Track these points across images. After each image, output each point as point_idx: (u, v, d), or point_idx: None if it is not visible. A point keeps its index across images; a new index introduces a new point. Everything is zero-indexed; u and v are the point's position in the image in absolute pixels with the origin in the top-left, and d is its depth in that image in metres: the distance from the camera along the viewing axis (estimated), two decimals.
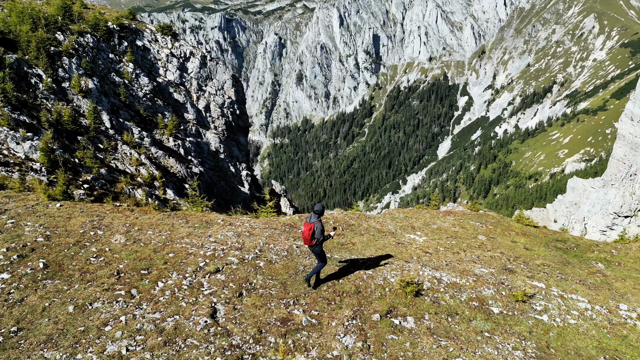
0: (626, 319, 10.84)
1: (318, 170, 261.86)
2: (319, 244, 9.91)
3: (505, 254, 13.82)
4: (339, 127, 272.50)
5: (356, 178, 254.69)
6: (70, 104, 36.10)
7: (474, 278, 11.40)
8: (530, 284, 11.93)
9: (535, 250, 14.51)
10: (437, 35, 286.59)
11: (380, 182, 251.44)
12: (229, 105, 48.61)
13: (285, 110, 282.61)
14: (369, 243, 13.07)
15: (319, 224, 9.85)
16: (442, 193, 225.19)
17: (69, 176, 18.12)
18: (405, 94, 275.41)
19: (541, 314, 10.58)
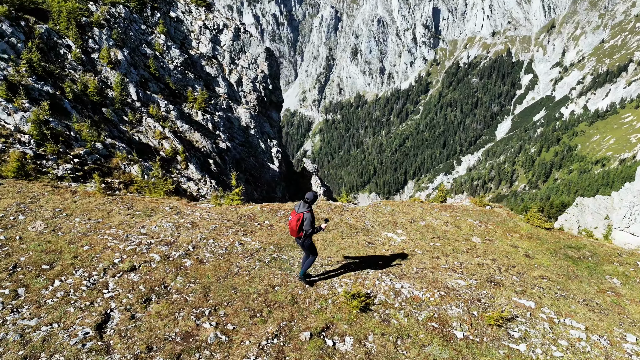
0: (631, 354, 8.74)
1: (369, 147, 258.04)
2: (308, 236, 8.89)
3: (498, 262, 11.79)
4: (392, 103, 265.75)
5: (408, 157, 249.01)
6: (98, 76, 36.32)
7: (442, 292, 9.61)
8: (516, 302, 9.99)
9: (537, 259, 12.33)
10: (502, 8, 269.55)
11: (433, 162, 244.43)
12: (261, 79, 47.52)
13: (338, 86, 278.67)
14: (333, 242, 11.49)
15: (308, 214, 8.80)
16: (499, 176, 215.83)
17: (59, 149, 17.74)
18: (464, 70, 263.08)
19: (518, 343, 8.71)
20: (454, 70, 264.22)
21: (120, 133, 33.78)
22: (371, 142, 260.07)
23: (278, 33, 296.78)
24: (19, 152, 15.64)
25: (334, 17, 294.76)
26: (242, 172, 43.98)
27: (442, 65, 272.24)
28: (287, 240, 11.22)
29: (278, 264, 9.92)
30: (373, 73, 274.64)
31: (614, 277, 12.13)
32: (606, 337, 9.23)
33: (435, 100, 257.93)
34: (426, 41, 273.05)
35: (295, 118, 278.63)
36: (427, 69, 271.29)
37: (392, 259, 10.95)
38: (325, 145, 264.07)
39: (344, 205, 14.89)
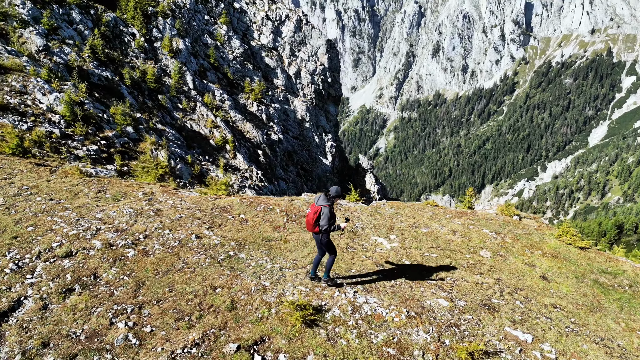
0: None
1: (445, 148, 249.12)
2: (325, 232, 8.14)
3: (503, 282, 9.96)
4: (474, 103, 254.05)
5: (487, 160, 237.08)
6: (159, 64, 37.65)
7: (414, 312, 8.16)
8: (507, 334, 8.28)
9: (555, 282, 10.26)
10: (604, 4, 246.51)
11: (514, 166, 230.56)
12: (320, 72, 46.88)
13: (417, 83, 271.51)
14: (309, 243, 10.27)
15: (327, 208, 8.00)
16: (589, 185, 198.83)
17: (87, 130, 18.24)
18: (556, 70, 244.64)
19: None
20: (545, 70, 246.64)
21: (172, 120, 34.75)
22: (448, 143, 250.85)
23: (359, 29, 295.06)
24: (44, 131, 16.21)
25: (417, 13, 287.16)
26: (294, 165, 43.73)
27: (532, 64, 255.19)
28: (256, 237, 10.27)
29: (232, 263, 9.02)
30: (455, 71, 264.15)
31: None
32: None
33: (522, 101, 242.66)
34: (515, 38, 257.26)
35: (370, 115, 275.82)
36: (515, 67, 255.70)
37: (369, 268, 9.63)
38: (400, 143, 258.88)
39: (339, 203, 13.61)
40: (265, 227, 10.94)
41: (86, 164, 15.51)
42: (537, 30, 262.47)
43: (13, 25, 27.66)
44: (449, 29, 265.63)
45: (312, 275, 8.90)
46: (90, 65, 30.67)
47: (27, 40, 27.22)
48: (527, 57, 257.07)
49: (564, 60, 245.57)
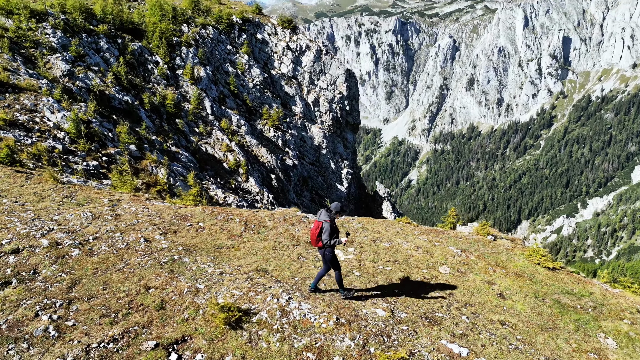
0: None
1: (480, 181, 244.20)
2: (328, 247, 8.50)
3: (454, 297, 9.66)
4: (509, 137, 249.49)
5: (524, 195, 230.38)
6: (179, 90, 39.35)
7: (345, 319, 8.08)
8: (441, 346, 8.04)
9: (511, 301, 9.85)
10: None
11: (552, 202, 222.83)
12: (338, 100, 47.64)
13: (450, 116, 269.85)
14: (260, 251, 10.31)
15: (327, 223, 8.36)
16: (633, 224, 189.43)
17: (90, 147, 19.25)
18: (596, 104, 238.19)
19: None
20: (584, 104, 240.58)
21: (188, 143, 35.95)
22: (482, 176, 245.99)
23: (392, 62, 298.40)
24: (46, 146, 17.27)
25: (452, 47, 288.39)
26: (309, 191, 44.04)
27: (570, 98, 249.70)
28: (207, 244, 10.47)
29: (173, 266, 9.23)
30: (489, 104, 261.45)
31: (610, 336, 9.28)
32: None
33: (560, 136, 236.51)
34: (552, 72, 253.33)
35: (403, 146, 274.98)
36: (552, 101, 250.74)
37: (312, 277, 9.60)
38: (432, 175, 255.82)
39: (306, 216, 13.63)
40: (220, 235, 11.18)
41: (80, 177, 16.35)
42: (575, 65, 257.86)
43: (42, 52, 29.77)
44: (483, 63, 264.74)
45: (312, 288, 9.17)
46: (112, 90, 32.43)
47: (52, 65, 29.16)
48: (566, 91, 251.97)
49: (604, 94, 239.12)
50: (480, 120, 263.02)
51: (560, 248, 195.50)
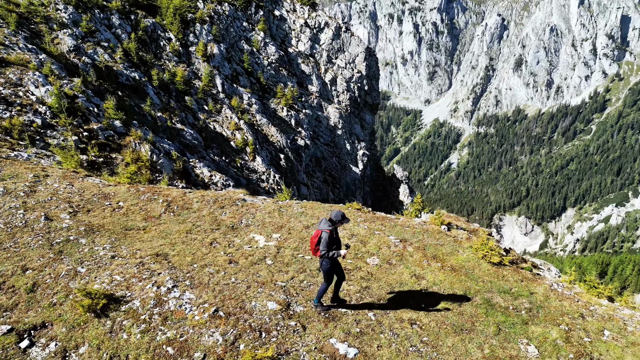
0: None
1: (524, 166, 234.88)
2: (326, 258, 7.97)
3: (369, 292, 8.88)
4: (558, 120, 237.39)
5: (570, 181, 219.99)
6: (191, 67, 39.38)
7: (224, 312, 7.54)
8: (327, 346, 7.38)
9: (434, 298, 9.02)
10: None
11: (601, 190, 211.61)
12: (357, 79, 46.34)
13: (495, 98, 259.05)
14: (170, 235, 9.76)
15: (327, 233, 7.83)
16: None
17: (72, 121, 19.46)
18: None
19: None
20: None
21: (195, 120, 36.04)
22: (527, 161, 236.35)
23: (436, 42, 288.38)
24: (23, 120, 17.55)
25: (499, 26, 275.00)
26: (322, 172, 43.48)
27: (626, 81, 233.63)
28: (116, 224, 10.10)
29: (65, 247, 8.96)
30: (538, 86, 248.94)
31: (535, 343, 8.29)
32: None
33: (613, 120, 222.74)
34: (608, 53, 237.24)
35: (444, 129, 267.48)
36: (607, 84, 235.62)
37: (218, 264, 9.12)
38: (473, 159, 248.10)
39: (243, 199, 12.98)
40: (136, 216, 10.89)
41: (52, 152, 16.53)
42: (633, 45, 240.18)
43: (52, 27, 30.27)
44: (533, 42, 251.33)
45: (314, 303, 8.68)
46: (120, 66, 32.75)
47: (60, 41, 29.61)
48: (622, 74, 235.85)
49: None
50: (527, 102, 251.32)
51: (607, 238, 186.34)
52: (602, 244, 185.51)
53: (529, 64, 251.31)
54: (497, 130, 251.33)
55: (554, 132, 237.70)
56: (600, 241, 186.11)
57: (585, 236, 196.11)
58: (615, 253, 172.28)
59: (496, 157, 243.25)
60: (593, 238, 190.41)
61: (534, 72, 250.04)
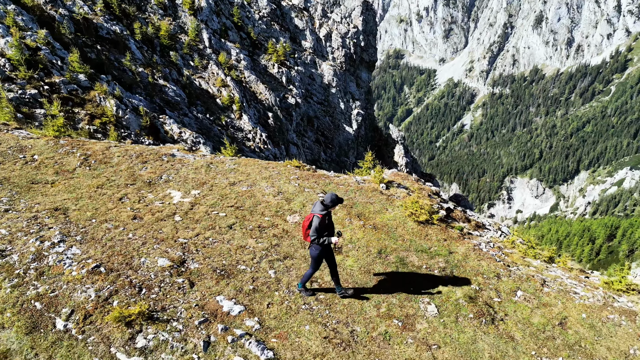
0: None
1: (538, 128, 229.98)
2: (316, 244, 7.46)
3: (278, 249, 8.42)
4: (576, 81, 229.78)
5: (585, 144, 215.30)
6: (177, 21, 38.31)
7: (107, 268, 7.34)
8: (212, 302, 7.11)
9: (347, 256, 8.66)
10: None
11: (617, 153, 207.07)
12: (353, 35, 44.73)
13: (513, 57, 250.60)
14: (79, 189, 9.34)
15: (318, 218, 7.34)
16: None
17: (32, 74, 19.08)
18: None
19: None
20: None
21: (180, 76, 35.35)
22: (542, 122, 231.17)
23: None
24: None
25: None
26: (314, 131, 42.85)
27: None
28: (23, 178, 9.57)
29: None
30: (558, 44, 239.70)
31: (436, 302, 7.95)
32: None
33: (634, 81, 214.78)
34: (634, 10, 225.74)
35: (458, 89, 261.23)
36: (629, 43, 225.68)
37: (120, 219, 8.85)
38: (487, 120, 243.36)
39: (171, 154, 12.54)
40: (48, 170, 10.60)
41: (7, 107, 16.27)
42: None
43: None
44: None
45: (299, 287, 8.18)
46: (100, 19, 31.90)
47: None
48: None
49: None
50: (546, 62, 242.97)
51: (620, 201, 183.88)
52: (614, 207, 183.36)
53: (549, 21, 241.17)
54: (513, 91, 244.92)
55: (572, 92, 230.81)
56: (612, 204, 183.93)
57: (597, 199, 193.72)
58: (627, 217, 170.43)
59: (510, 119, 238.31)
60: (605, 201, 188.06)
61: (554, 29, 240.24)
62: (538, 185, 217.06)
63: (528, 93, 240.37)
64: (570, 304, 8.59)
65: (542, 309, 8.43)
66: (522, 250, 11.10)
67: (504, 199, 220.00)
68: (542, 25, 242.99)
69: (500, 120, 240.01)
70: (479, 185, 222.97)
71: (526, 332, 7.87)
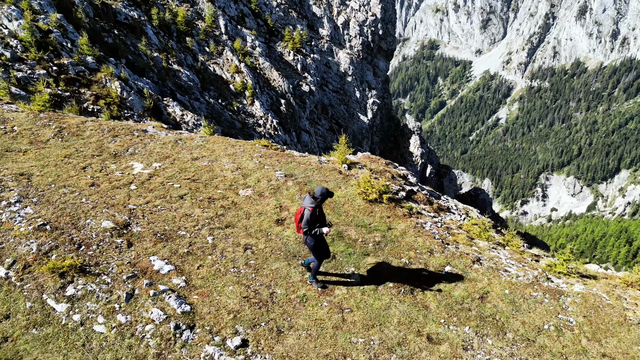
0: None
1: (578, 124, 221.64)
2: (309, 235, 7.82)
3: (222, 219, 8.82)
4: (620, 75, 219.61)
5: (628, 141, 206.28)
6: (195, 7, 39.24)
7: (53, 226, 8.01)
8: (144, 262, 7.68)
9: (284, 228, 9.08)
10: None
11: None
12: (371, 23, 44.56)
13: (553, 49, 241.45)
14: (48, 158, 10.02)
15: (309, 210, 7.66)
16: None
17: (42, 56, 20.24)
18: None
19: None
20: None
21: (195, 62, 36.33)
22: (582, 118, 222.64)
23: None
24: None
25: None
26: (327, 119, 43.16)
27: None
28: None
29: None
30: (602, 37, 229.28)
31: (361, 271, 8.23)
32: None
33: None
34: None
35: (494, 81, 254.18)
36: None
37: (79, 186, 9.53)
38: (524, 115, 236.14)
39: (144, 130, 13.09)
40: (23, 140, 11.43)
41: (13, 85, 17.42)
42: None
43: None
44: None
45: (306, 264, 8.58)
46: (119, 5, 33.12)
47: None
48: None
49: None
50: (588, 55, 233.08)
51: None
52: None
53: (594, 11, 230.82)
54: (552, 85, 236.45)
55: (615, 87, 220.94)
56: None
57: (638, 199, 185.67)
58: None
59: (548, 113, 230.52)
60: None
61: (598, 20, 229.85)
62: (575, 183, 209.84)
63: (568, 87, 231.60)
64: (496, 280, 8.76)
65: (466, 283, 8.65)
66: (476, 233, 11.25)
67: (538, 196, 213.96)
68: (585, 16, 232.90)
69: (537, 114, 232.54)
70: (512, 181, 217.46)
71: (442, 302, 8.14)
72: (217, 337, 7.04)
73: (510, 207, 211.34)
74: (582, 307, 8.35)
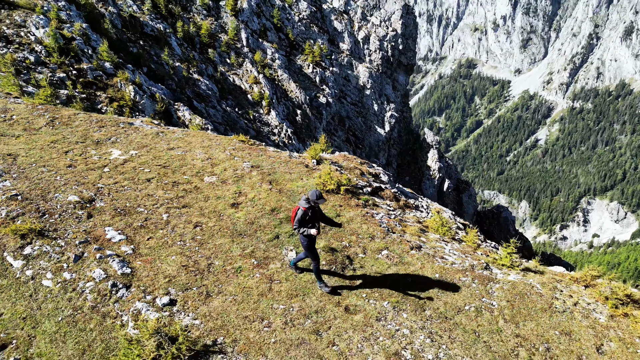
0: None
1: (623, 147, 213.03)
2: (300, 234, 8.16)
3: (180, 201, 9.74)
4: None
5: None
6: (219, 21, 41.16)
7: (25, 198, 8.96)
8: (99, 232, 8.51)
9: (236, 210, 9.66)
10: None
11: None
12: (391, 38, 45.22)
13: (597, 70, 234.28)
14: (36, 142, 11.07)
15: (302, 211, 8.03)
16: None
17: (63, 60, 21.97)
18: None
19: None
20: None
21: (215, 72, 37.97)
22: (627, 141, 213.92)
23: (534, 5, 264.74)
24: (15, 56, 20.23)
25: None
26: (344, 131, 43.83)
27: None
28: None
29: None
30: None
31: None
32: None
33: None
34: None
35: (534, 102, 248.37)
36: None
37: (53, 166, 10.48)
38: (564, 136, 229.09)
39: (130, 122, 14.02)
40: (18, 127, 12.58)
41: None
42: None
43: None
44: None
45: (292, 264, 8.84)
46: (146, 17, 35.23)
47: None
48: None
49: None
50: (634, 76, 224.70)
51: None
52: None
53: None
54: (595, 106, 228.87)
55: None
56: None
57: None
58: None
59: (591, 136, 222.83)
60: None
61: None
62: (619, 208, 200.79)
63: (612, 109, 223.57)
64: (429, 265, 9.08)
65: (399, 266, 9.01)
66: (434, 227, 11.54)
67: (579, 221, 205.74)
68: (632, 36, 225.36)
69: (579, 136, 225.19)
70: (551, 204, 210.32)
71: (369, 280, 8.54)
72: (149, 296, 7.74)
73: (549, 232, 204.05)
74: (508, 293, 8.55)
